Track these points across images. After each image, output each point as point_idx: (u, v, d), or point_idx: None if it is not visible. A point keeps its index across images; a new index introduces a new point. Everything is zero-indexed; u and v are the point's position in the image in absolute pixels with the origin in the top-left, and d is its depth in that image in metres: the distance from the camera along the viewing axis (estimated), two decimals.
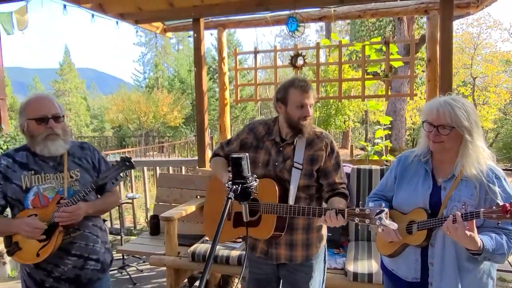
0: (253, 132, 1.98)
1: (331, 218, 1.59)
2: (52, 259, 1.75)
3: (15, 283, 3.71)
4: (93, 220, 1.90)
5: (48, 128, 1.73)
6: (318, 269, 1.96)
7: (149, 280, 3.68)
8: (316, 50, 3.80)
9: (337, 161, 1.90)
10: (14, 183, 1.74)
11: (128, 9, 3.49)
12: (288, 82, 1.86)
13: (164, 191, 3.73)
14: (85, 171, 1.86)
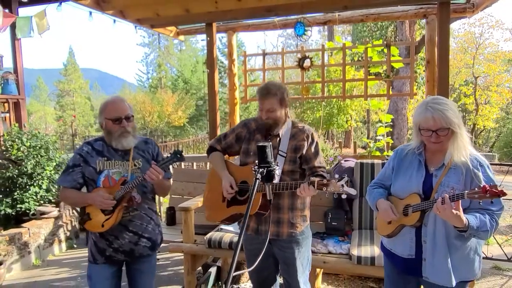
0: (246, 127, 2.30)
1: (304, 189, 1.90)
2: (113, 232, 2.09)
3: (40, 270, 3.98)
4: (149, 204, 2.22)
5: (122, 127, 2.08)
6: (305, 246, 2.25)
7: (165, 268, 3.93)
8: (322, 52, 4.04)
9: (316, 150, 2.21)
10: (91, 166, 2.09)
11: (146, 15, 3.74)
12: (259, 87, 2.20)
13: (179, 184, 3.98)
14: (146, 162, 2.16)
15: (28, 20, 4.40)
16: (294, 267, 2.20)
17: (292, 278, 2.23)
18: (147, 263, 2.25)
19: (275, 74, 16.59)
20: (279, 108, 2.13)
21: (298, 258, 2.21)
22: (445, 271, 1.79)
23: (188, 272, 3.18)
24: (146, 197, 2.20)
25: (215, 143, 2.40)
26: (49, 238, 4.37)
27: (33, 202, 4.36)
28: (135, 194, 2.13)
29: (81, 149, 2.15)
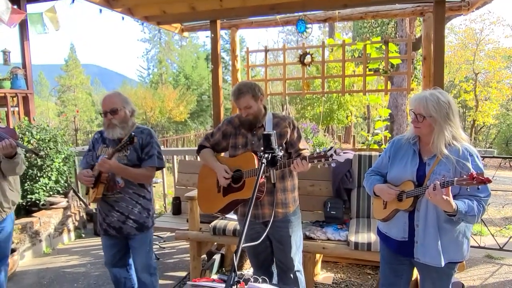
0: (231, 123, 2.47)
1: (298, 164, 2.07)
2: (105, 209, 2.47)
3: (51, 258, 4.14)
4: (135, 189, 2.47)
5: (108, 119, 2.40)
6: (297, 225, 2.44)
7: (170, 256, 4.09)
8: (322, 48, 4.17)
9: (299, 134, 2.40)
10: (95, 151, 2.51)
11: (153, 13, 3.88)
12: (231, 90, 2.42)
13: (184, 176, 4.14)
14: (134, 151, 2.41)
15: (39, 17, 4.53)
16: (289, 245, 2.38)
17: (287, 256, 2.40)
18: (137, 241, 2.53)
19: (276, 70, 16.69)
20: (254, 103, 2.31)
21: (292, 236, 2.38)
22: (435, 252, 1.94)
23: (194, 258, 3.34)
24: (131, 183, 2.44)
25: (203, 141, 2.59)
26: (58, 228, 4.53)
27: (43, 193, 4.51)
28: (118, 179, 2.41)
29: (93, 136, 2.58)
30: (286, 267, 2.43)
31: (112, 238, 2.54)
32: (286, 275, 2.44)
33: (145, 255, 2.56)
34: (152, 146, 2.46)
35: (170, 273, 3.66)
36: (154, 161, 2.44)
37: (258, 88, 2.37)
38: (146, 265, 2.55)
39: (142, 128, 2.53)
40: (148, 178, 2.51)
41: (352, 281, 3.43)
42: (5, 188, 2.72)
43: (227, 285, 1.16)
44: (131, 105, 2.51)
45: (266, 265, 2.55)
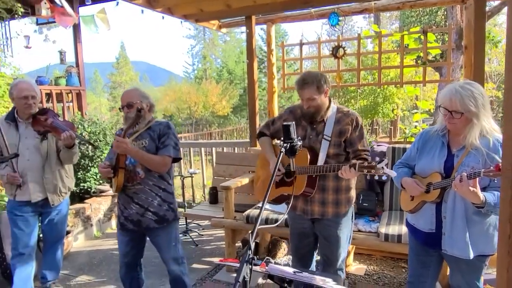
0: (292, 113, 2.43)
1: (345, 171, 2.04)
2: (124, 202, 2.48)
3: (100, 241, 4.52)
4: (155, 181, 2.48)
5: (125, 113, 2.46)
6: (347, 226, 2.39)
7: (208, 243, 4.30)
8: (358, 40, 4.14)
9: (361, 133, 2.29)
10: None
11: (191, 11, 4.08)
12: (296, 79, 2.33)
13: (221, 167, 4.33)
14: (152, 140, 2.48)
15: (91, 18, 4.89)
16: (336, 244, 2.36)
17: (332, 254, 2.39)
18: (161, 238, 2.53)
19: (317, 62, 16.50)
20: (318, 95, 2.22)
21: (340, 236, 2.35)
22: (463, 244, 1.93)
23: (229, 244, 3.51)
24: (151, 174, 2.45)
25: (264, 128, 2.57)
26: (107, 214, 4.91)
27: (93, 181, 4.91)
28: (139, 169, 2.44)
29: (116, 133, 2.58)
30: (330, 261, 2.42)
31: (129, 234, 2.53)
32: (328, 268, 2.44)
33: (172, 250, 2.58)
34: (169, 137, 2.48)
35: (207, 258, 3.86)
36: (170, 151, 2.45)
37: (325, 80, 2.26)
38: (175, 258, 2.59)
39: (160, 121, 2.60)
40: (163, 166, 2.46)
41: (385, 274, 3.43)
42: (63, 175, 3.06)
43: (242, 261, 1.27)
44: (149, 100, 2.55)
45: (306, 259, 2.55)
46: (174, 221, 2.60)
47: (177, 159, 2.54)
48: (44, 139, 2.94)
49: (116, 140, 2.28)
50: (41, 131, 2.89)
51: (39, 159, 2.92)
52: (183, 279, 2.65)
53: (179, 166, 6.03)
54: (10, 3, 4.68)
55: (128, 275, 2.69)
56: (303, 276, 1.57)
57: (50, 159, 2.97)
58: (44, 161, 2.94)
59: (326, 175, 2.26)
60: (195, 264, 3.73)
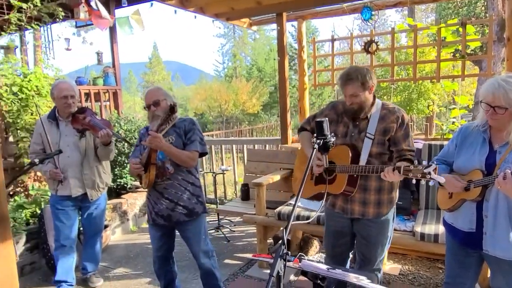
0: (334, 109, 2.33)
1: (388, 173, 1.93)
2: (153, 198, 2.54)
3: (136, 235, 4.68)
4: (183, 176, 2.54)
5: (151, 111, 2.51)
6: (388, 226, 2.31)
7: (240, 239, 4.35)
8: (391, 35, 4.03)
9: (406, 132, 2.16)
10: (142, 145, 2.59)
11: (223, 10, 4.13)
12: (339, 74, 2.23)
13: (252, 164, 4.36)
14: (179, 136, 2.53)
15: (126, 20, 5.04)
16: (374, 245, 2.29)
17: (370, 254, 2.32)
18: (191, 232, 2.59)
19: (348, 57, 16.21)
20: (362, 92, 2.11)
21: (380, 237, 2.28)
22: (506, 245, 1.84)
23: (261, 241, 3.53)
24: (180, 169, 2.51)
25: (304, 124, 2.50)
26: (142, 209, 5.07)
27: (129, 177, 5.08)
28: (168, 165, 2.50)
29: (140, 132, 2.72)
30: (368, 260, 2.36)
31: (160, 229, 2.61)
32: (365, 268, 2.37)
33: (202, 243, 2.63)
34: (194, 132, 2.54)
35: (239, 254, 3.90)
36: (197, 146, 2.51)
37: (370, 76, 2.13)
38: (205, 251, 2.64)
39: (184, 118, 2.65)
40: (192, 161, 2.51)
41: (421, 274, 3.33)
42: (100, 171, 3.19)
43: (277, 255, 1.28)
44: (172, 98, 2.60)
45: (341, 258, 2.48)
46: (202, 214, 2.66)
47: (203, 153, 2.60)
48: (83, 136, 3.07)
49: (151, 135, 2.33)
50: (80, 129, 3.03)
51: (78, 155, 3.06)
52: (213, 272, 2.70)
53: (210, 163, 6.12)
54: (51, 7, 4.91)
55: (162, 269, 2.78)
56: (337, 273, 1.55)
57: (89, 156, 3.10)
58: (83, 158, 3.07)
59: (368, 175, 2.17)
60: (227, 259, 3.78)
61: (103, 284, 3.38)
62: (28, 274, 3.59)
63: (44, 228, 3.60)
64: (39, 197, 4.14)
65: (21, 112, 4.25)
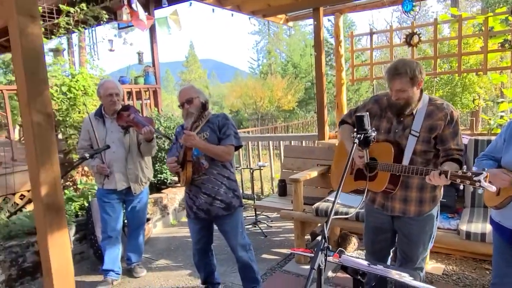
0: (378, 103, 2.24)
1: (434, 177, 1.82)
2: (194, 193, 2.62)
3: (176, 229, 4.83)
4: (219, 170, 2.60)
5: (184, 109, 2.58)
6: (431, 225, 2.21)
7: (277, 234, 4.38)
8: (434, 26, 3.88)
9: (455, 130, 2.04)
10: (178, 143, 2.66)
11: (259, 7, 4.15)
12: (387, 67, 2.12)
13: (289, 160, 4.36)
14: (213, 132, 2.59)
15: (165, 20, 5.20)
16: (416, 243, 2.21)
17: (412, 253, 2.24)
18: (228, 225, 2.66)
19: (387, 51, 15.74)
20: (410, 87, 2.00)
21: (422, 235, 2.20)
22: None
23: (298, 236, 3.54)
24: (215, 163, 2.57)
25: (346, 117, 2.43)
26: (182, 203, 5.22)
27: (169, 173, 5.24)
28: (203, 160, 2.56)
29: (176, 130, 2.81)
30: (409, 258, 2.28)
31: (200, 222, 2.69)
32: (406, 266, 2.29)
33: (239, 236, 2.68)
34: (228, 127, 2.59)
35: (276, 249, 3.93)
36: (232, 140, 2.56)
37: (420, 70, 2.01)
38: (242, 244, 2.69)
39: (217, 114, 2.71)
40: (228, 155, 2.58)
41: (466, 275, 3.20)
42: (143, 166, 3.33)
43: (317, 249, 1.28)
44: (204, 95, 2.68)
45: (380, 255, 2.41)
46: (239, 208, 2.72)
47: (238, 146, 2.65)
48: (127, 133, 3.22)
49: (185, 134, 2.41)
50: (124, 126, 3.18)
51: (123, 151, 3.21)
52: (251, 265, 2.75)
53: (247, 159, 6.19)
54: (96, 11, 5.16)
55: (202, 261, 2.87)
56: (378, 268, 1.54)
57: (132, 152, 3.24)
58: (127, 153, 3.22)
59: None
60: (264, 254, 3.82)
61: (146, 274, 3.53)
62: (77, 263, 3.81)
63: (91, 220, 3.81)
64: (87, 191, 4.38)
65: (69, 110, 4.50)
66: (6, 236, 3.49)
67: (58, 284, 1.59)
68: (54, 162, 1.60)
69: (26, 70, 1.49)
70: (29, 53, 1.49)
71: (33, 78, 1.52)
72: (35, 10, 1.51)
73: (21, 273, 3.42)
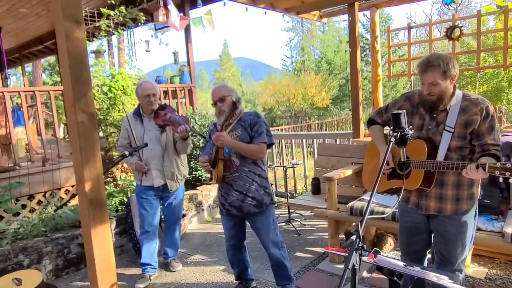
0: (409, 100, 2.21)
1: (471, 171, 1.79)
2: (226, 190, 2.67)
3: (211, 225, 4.92)
4: (250, 167, 2.63)
5: (217, 108, 2.63)
6: (469, 224, 2.12)
7: (310, 233, 4.35)
8: (477, 18, 3.69)
9: (491, 125, 1.98)
10: (211, 140, 2.68)
11: (293, 4, 4.13)
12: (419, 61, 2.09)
13: (323, 158, 4.32)
14: (244, 130, 2.62)
15: (200, 20, 5.30)
16: (454, 244, 2.13)
17: (450, 254, 2.16)
18: (260, 222, 2.69)
19: (426, 46, 15.17)
20: (443, 80, 1.96)
21: (459, 235, 2.12)
22: None
23: (332, 235, 3.50)
24: (246, 161, 2.60)
25: (375, 115, 2.40)
26: (216, 200, 5.30)
27: (203, 170, 5.34)
28: (234, 158, 2.59)
29: (209, 128, 2.84)
30: (447, 261, 2.20)
31: (232, 219, 2.74)
32: (444, 268, 2.20)
33: (271, 233, 2.70)
34: (260, 125, 2.61)
35: (309, 248, 3.91)
36: (264, 137, 2.59)
37: (453, 64, 1.98)
38: (274, 242, 2.71)
39: (249, 112, 2.73)
40: (260, 153, 2.61)
41: (511, 280, 3.04)
42: (179, 163, 3.42)
43: (352, 248, 1.27)
44: (237, 93, 2.69)
45: (416, 257, 2.34)
46: (271, 205, 2.74)
47: (270, 144, 2.67)
48: (164, 131, 3.32)
49: (216, 134, 2.48)
50: (161, 124, 3.28)
51: (160, 149, 3.31)
52: (284, 263, 2.76)
53: (281, 157, 6.19)
54: (134, 13, 5.34)
55: (235, 257, 2.93)
56: (415, 270, 1.50)
57: (168, 149, 3.34)
58: (163, 151, 3.32)
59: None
60: (298, 252, 3.81)
61: (182, 269, 3.63)
62: (117, 256, 3.96)
63: (130, 215, 3.96)
64: (126, 187, 4.56)
65: (110, 109, 4.70)
66: (53, 228, 3.71)
67: (101, 274, 1.68)
68: (97, 159, 1.69)
69: (72, 72, 1.58)
70: (74, 56, 1.58)
71: (78, 80, 1.61)
72: (79, 16, 1.59)
73: (66, 264, 3.63)
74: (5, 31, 7.45)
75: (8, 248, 3.30)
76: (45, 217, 3.84)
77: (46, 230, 3.66)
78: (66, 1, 1.54)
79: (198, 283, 3.33)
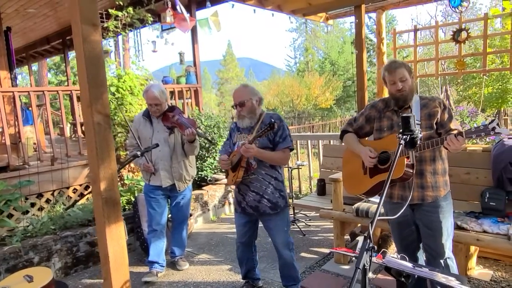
0: (375, 108, 2.47)
1: (452, 140, 1.97)
2: (243, 190, 2.73)
3: (216, 224, 4.96)
4: (267, 170, 2.68)
5: (237, 111, 2.69)
6: (449, 211, 2.30)
7: (315, 233, 4.38)
8: (484, 21, 3.71)
9: (450, 114, 2.27)
10: (231, 139, 2.83)
11: (300, 6, 4.16)
12: (383, 67, 2.38)
13: (328, 159, 4.34)
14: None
15: (206, 21, 5.34)
16: (439, 231, 2.27)
17: (437, 242, 2.28)
18: (273, 222, 2.74)
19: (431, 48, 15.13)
20: (409, 77, 2.27)
21: (443, 221, 2.27)
22: None
23: (337, 236, 3.53)
24: (263, 163, 2.65)
25: (346, 126, 2.61)
26: (221, 200, 5.35)
27: (209, 170, 5.38)
28: (251, 160, 2.64)
29: (230, 126, 2.90)
30: (436, 253, 2.31)
31: (247, 217, 2.80)
32: (435, 261, 2.31)
33: (284, 234, 2.76)
34: (284, 129, 2.65)
35: (314, 248, 3.94)
36: (288, 142, 2.65)
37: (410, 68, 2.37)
38: (286, 243, 2.76)
39: (271, 114, 2.76)
40: (285, 160, 2.69)
41: None
42: (187, 164, 3.46)
43: (362, 249, 1.30)
44: (258, 94, 2.72)
45: (411, 250, 2.48)
46: (285, 208, 2.79)
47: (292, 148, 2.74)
48: (172, 133, 3.36)
49: (245, 147, 2.52)
50: (169, 126, 3.32)
51: (168, 150, 3.35)
52: (294, 264, 2.82)
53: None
54: (141, 13, 5.39)
55: (244, 255, 2.97)
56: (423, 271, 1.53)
57: (176, 151, 3.38)
58: (171, 152, 3.36)
59: (422, 159, 2.25)
60: (303, 253, 3.84)
61: (188, 268, 3.67)
62: None
63: (138, 214, 4.01)
64: (133, 186, 4.60)
65: (117, 109, 4.74)
66: (62, 226, 3.76)
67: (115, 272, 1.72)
68: (112, 159, 1.73)
69: (88, 74, 1.62)
70: (91, 59, 1.62)
71: (94, 82, 1.65)
72: (96, 19, 1.64)
73: (75, 262, 3.68)
74: (13, 31, 7.53)
75: (19, 245, 3.35)
76: (54, 216, 3.89)
77: (55, 228, 3.71)
78: (83, 5, 1.58)
79: (205, 282, 3.37)
